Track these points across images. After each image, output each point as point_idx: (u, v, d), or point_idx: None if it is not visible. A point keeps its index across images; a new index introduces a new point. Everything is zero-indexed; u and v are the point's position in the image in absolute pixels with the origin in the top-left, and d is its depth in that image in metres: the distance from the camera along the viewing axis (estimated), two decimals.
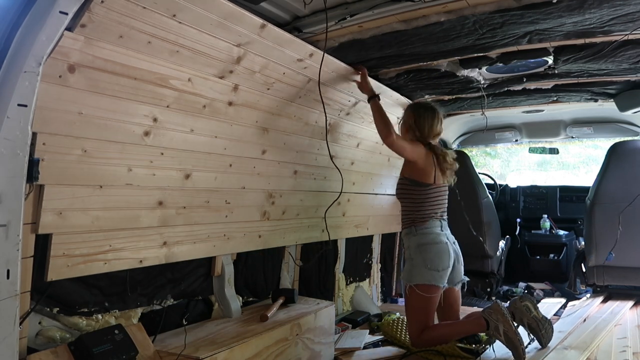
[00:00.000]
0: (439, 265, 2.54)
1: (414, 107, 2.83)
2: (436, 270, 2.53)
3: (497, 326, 2.34)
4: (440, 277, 2.54)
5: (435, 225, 2.63)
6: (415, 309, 2.58)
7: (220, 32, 1.78)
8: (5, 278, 1.36)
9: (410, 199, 2.68)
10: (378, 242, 3.96)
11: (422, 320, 2.55)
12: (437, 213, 2.66)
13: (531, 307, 2.44)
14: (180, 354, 1.86)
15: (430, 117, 2.71)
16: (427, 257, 2.56)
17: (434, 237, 2.59)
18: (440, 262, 2.55)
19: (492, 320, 2.36)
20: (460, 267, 2.71)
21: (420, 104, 2.88)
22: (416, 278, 2.56)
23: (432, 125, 2.71)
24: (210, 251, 2.32)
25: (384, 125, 2.51)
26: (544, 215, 4.62)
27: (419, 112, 2.73)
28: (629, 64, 2.42)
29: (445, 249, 2.58)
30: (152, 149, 1.89)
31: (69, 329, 1.79)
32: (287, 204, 2.74)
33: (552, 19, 1.91)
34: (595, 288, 3.65)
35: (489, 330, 2.38)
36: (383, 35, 2.14)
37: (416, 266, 2.58)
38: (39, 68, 1.37)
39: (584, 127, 3.94)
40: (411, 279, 2.58)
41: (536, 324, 2.41)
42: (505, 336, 2.30)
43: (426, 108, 2.76)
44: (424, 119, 2.70)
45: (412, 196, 2.67)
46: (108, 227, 1.79)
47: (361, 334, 2.90)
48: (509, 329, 2.31)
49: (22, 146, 1.39)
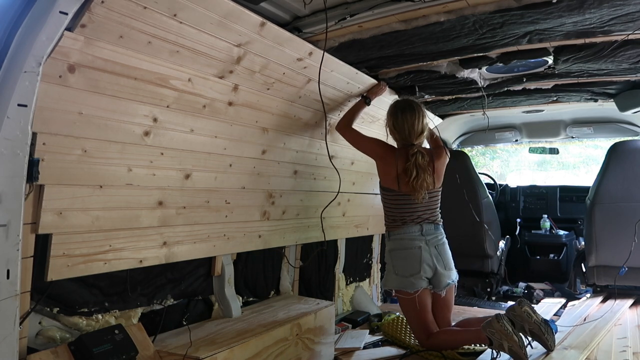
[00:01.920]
0: (406, 271, 2.51)
1: (391, 108, 2.65)
2: (403, 276, 2.52)
3: (501, 344, 2.25)
4: (410, 282, 2.49)
5: (411, 231, 2.54)
6: (406, 313, 2.61)
7: (220, 31, 1.78)
8: (5, 278, 1.36)
9: (384, 204, 2.67)
10: (378, 242, 3.96)
11: (417, 322, 2.54)
12: (414, 218, 2.55)
13: (531, 312, 2.36)
14: (185, 355, 1.86)
15: (410, 116, 2.54)
16: (396, 263, 2.56)
17: (404, 243, 2.55)
18: (407, 268, 2.51)
19: (495, 339, 2.27)
20: (447, 272, 2.56)
21: (397, 103, 2.66)
22: (387, 283, 2.63)
23: (413, 124, 2.54)
24: (210, 251, 2.32)
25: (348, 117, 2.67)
26: (544, 215, 4.61)
27: (396, 113, 2.58)
28: (629, 64, 2.42)
29: (415, 254, 2.51)
30: (152, 149, 1.89)
31: (69, 329, 1.79)
32: (287, 204, 2.74)
33: (552, 19, 1.91)
34: (595, 288, 3.65)
35: (492, 346, 2.30)
36: (383, 35, 2.14)
37: (388, 272, 2.63)
38: (39, 68, 1.37)
39: (584, 127, 3.94)
40: (385, 283, 2.67)
41: (538, 329, 2.34)
42: (511, 351, 2.23)
43: (404, 108, 2.58)
44: (403, 120, 2.55)
45: (383, 200, 2.67)
46: (108, 227, 1.79)
47: (361, 334, 2.90)
48: (513, 344, 2.22)
49: (22, 146, 1.39)
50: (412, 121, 2.54)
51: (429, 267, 2.52)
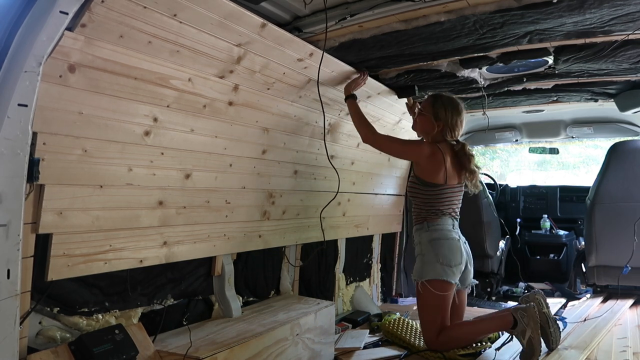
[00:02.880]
0: (452, 260, 2.45)
1: (448, 102, 2.61)
2: (448, 265, 2.44)
3: (524, 330, 2.24)
4: (453, 273, 2.44)
5: (447, 223, 2.54)
6: (429, 308, 2.46)
7: (220, 32, 1.78)
8: (6, 278, 1.36)
9: (421, 198, 2.60)
10: (378, 242, 3.96)
11: (436, 320, 2.43)
12: (450, 211, 2.57)
13: (543, 302, 2.36)
14: (186, 355, 1.85)
15: (464, 116, 2.63)
16: (440, 252, 2.45)
17: (446, 233, 2.51)
18: (452, 257, 2.46)
19: (521, 322, 2.25)
20: (471, 268, 2.62)
21: (454, 101, 2.64)
22: (429, 274, 2.44)
23: (463, 123, 2.62)
24: (210, 251, 2.32)
25: (363, 122, 2.53)
26: (544, 215, 4.62)
27: (456, 109, 2.59)
28: (629, 64, 2.41)
29: (458, 246, 2.50)
30: (153, 148, 1.89)
31: (69, 329, 1.79)
32: (287, 203, 2.74)
33: (552, 19, 1.91)
34: (595, 288, 3.65)
35: (514, 329, 2.29)
36: (383, 35, 2.14)
37: (428, 262, 2.46)
38: (39, 68, 1.37)
39: (584, 127, 3.93)
40: (423, 274, 2.46)
41: (546, 321, 2.32)
42: (529, 342, 2.22)
43: (460, 107, 2.62)
44: (458, 118, 2.58)
45: (422, 195, 2.59)
46: (108, 227, 1.79)
47: (361, 334, 2.90)
48: (535, 336, 2.22)
49: (23, 146, 1.39)
50: (463, 121, 2.64)
51: (464, 261, 2.53)
